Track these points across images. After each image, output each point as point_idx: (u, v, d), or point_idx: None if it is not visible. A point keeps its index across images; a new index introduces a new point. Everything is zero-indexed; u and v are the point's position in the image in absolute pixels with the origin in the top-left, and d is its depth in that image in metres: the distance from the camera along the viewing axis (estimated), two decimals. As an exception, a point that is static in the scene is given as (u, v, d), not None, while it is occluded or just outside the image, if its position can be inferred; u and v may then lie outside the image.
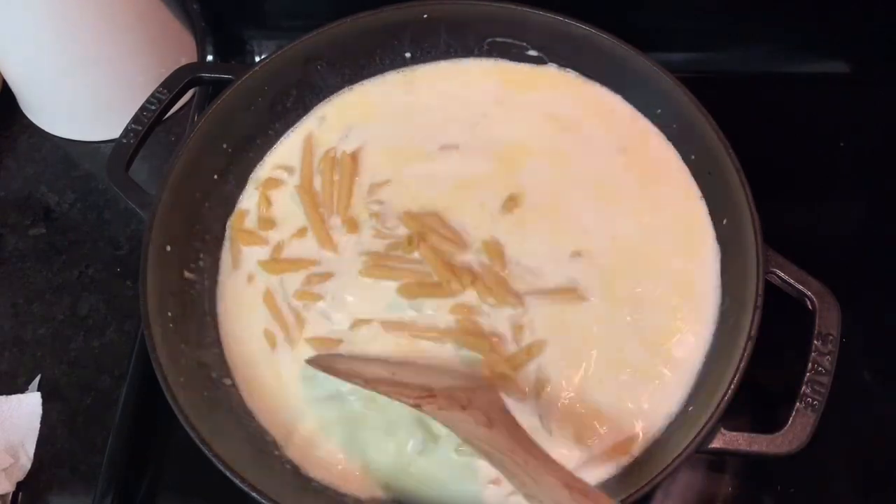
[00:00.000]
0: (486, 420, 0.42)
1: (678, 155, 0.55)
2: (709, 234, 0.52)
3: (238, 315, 0.53)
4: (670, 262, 0.52)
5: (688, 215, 0.54)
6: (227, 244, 0.56)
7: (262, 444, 0.48)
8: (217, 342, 0.52)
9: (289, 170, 0.58)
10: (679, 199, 0.54)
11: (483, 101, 0.59)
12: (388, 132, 0.58)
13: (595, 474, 0.46)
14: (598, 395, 0.48)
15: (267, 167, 0.58)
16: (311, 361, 0.49)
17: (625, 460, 0.46)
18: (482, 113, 0.58)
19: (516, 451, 0.40)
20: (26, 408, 0.56)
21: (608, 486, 0.45)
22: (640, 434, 0.47)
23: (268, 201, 0.56)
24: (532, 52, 0.60)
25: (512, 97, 0.59)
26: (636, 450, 0.46)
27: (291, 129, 0.59)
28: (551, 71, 0.60)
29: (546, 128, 0.57)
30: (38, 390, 0.57)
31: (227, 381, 0.50)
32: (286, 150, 0.59)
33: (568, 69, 0.59)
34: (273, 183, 0.57)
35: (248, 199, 0.57)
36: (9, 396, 0.56)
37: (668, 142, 0.56)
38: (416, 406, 0.43)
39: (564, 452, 0.46)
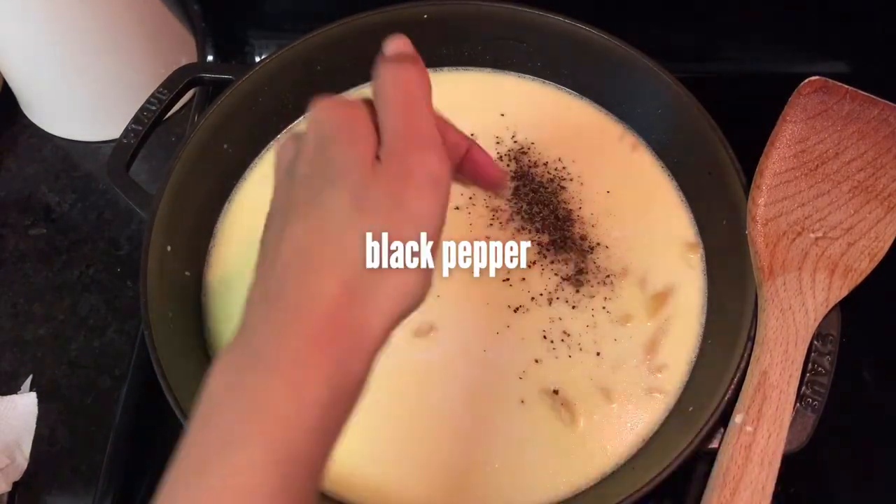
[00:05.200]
0: None
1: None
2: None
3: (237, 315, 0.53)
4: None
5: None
6: (227, 244, 0.55)
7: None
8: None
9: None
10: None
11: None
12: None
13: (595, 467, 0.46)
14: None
15: (267, 167, 0.58)
16: None
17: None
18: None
19: None
20: (22, 408, 0.56)
21: (607, 485, 0.45)
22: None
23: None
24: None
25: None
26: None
27: (291, 129, 0.59)
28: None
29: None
30: (37, 390, 0.57)
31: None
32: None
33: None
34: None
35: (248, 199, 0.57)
36: (3, 397, 0.56)
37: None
38: None
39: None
